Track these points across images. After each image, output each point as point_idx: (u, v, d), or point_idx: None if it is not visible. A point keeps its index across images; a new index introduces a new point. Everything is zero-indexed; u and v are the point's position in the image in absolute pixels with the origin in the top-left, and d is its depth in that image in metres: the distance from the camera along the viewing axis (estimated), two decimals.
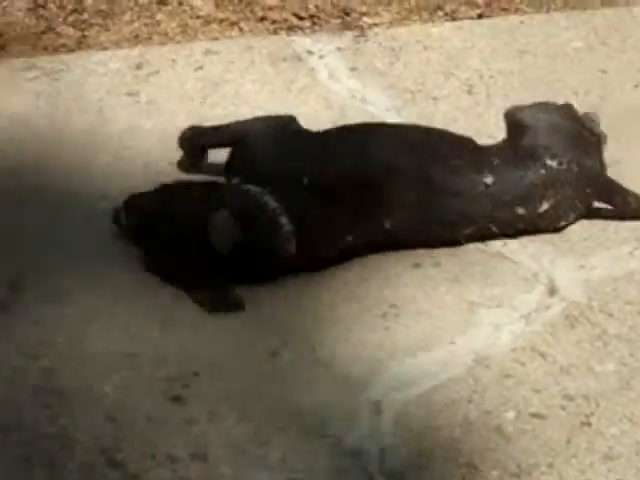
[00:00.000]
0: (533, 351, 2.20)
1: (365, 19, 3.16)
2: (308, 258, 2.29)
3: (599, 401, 2.11)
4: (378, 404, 2.08)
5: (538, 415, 2.08)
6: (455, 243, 2.39)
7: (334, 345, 2.19)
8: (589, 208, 2.45)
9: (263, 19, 3.14)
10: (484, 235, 2.39)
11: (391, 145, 2.39)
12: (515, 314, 2.28)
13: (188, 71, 2.88)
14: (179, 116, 2.72)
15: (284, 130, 2.45)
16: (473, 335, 2.23)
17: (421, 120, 2.74)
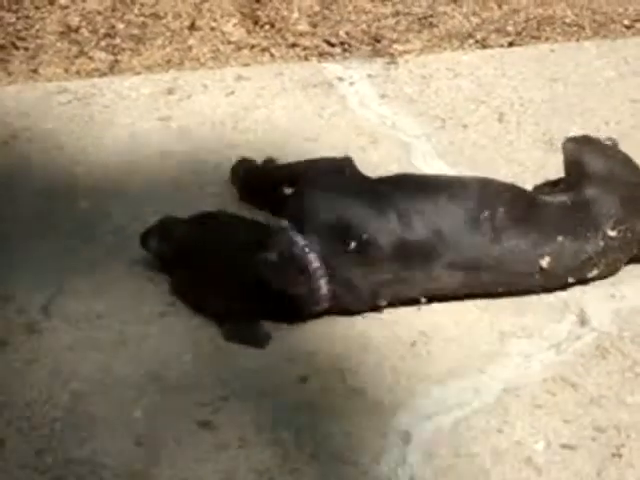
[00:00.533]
0: (564, 381, 2.19)
1: (396, 46, 3.17)
2: (339, 311, 2.29)
3: (630, 432, 2.10)
4: (407, 433, 2.08)
5: (568, 446, 2.07)
6: None
7: (364, 373, 2.19)
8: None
9: (294, 45, 3.15)
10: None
11: (445, 212, 2.29)
12: (545, 344, 2.27)
13: (219, 96, 2.90)
14: (210, 141, 2.73)
15: (339, 178, 2.37)
16: (503, 364, 2.23)
17: (452, 147, 2.75)
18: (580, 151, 2.49)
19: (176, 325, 2.27)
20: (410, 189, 2.35)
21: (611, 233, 2.35)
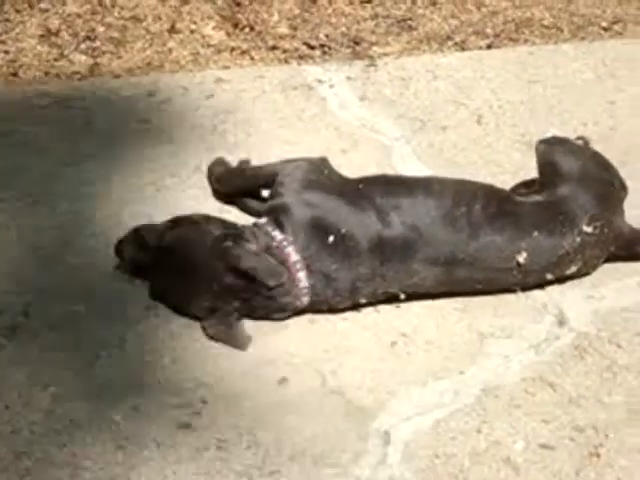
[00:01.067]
0: (542, 381, 2.20)
1: (375, 48, 3.18)
2: (320, 308, 2.30)
3: (608, 432, 2.11)
4: (387, 434, 2.09)
5: (547, 446, 2.08)
6: None
7: (344, 374, 2.20)
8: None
9: (274, 48, 3.16)
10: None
11: (421, 209, 2.31)
12: (524, 344, 2.29)
13: (199, 99, 2.90)
14: (190, 144, 2.74)
15: (316, 175, 2.38)
16: (483, 365, 2.24)
17: (431, 149, 2.76)
18: (552, 152, 2.51)
19: (156, 328, 2.27)
20: (388, 186, 2.37)
21: (587, 229, 2.37)
